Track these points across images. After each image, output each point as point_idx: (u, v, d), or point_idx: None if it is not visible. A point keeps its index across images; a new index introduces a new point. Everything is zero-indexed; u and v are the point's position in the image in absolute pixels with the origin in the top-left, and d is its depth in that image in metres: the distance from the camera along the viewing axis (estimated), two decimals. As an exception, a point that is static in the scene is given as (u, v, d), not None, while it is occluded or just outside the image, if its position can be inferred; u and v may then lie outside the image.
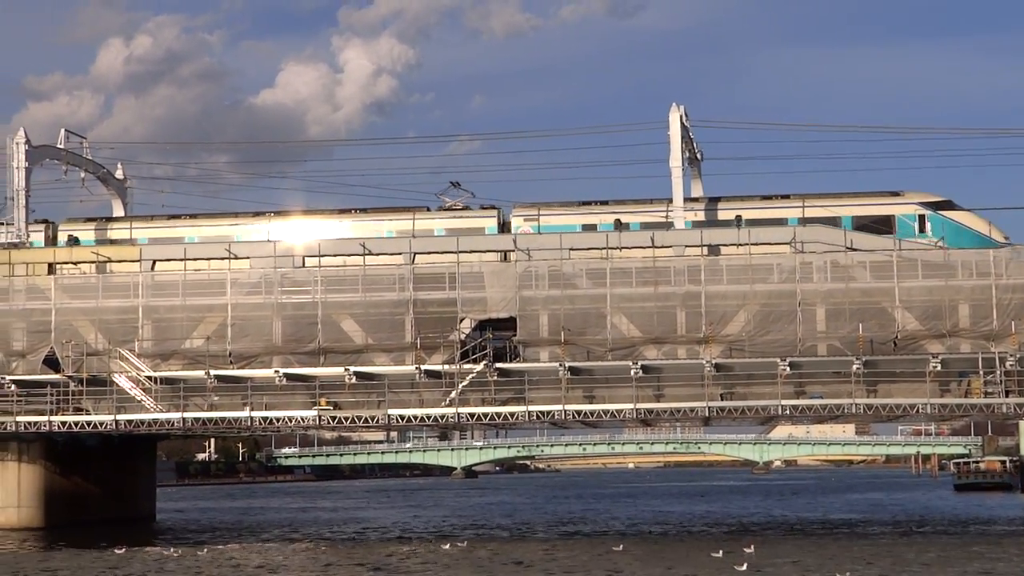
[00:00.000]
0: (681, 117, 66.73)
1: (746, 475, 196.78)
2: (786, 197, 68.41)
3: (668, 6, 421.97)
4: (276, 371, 62.82)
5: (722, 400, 62.00)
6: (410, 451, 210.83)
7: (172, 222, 72.16)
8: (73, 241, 71.05)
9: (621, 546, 54.39)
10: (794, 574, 41.36)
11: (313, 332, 63.12)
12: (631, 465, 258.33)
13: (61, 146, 74.22)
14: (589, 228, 66.66)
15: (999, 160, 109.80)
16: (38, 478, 67.33)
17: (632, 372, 60.36)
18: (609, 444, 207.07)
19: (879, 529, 67.75)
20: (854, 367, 58.82)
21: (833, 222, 64.90)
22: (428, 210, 70.91)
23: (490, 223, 68.63)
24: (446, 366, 61.75)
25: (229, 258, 65.67)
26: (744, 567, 41.75)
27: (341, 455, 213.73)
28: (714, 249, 63.52)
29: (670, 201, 66.65)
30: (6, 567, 49.44)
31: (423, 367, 61.78)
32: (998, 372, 58.25)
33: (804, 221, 64.73)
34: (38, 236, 71.79)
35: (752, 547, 47.31)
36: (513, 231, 67.44)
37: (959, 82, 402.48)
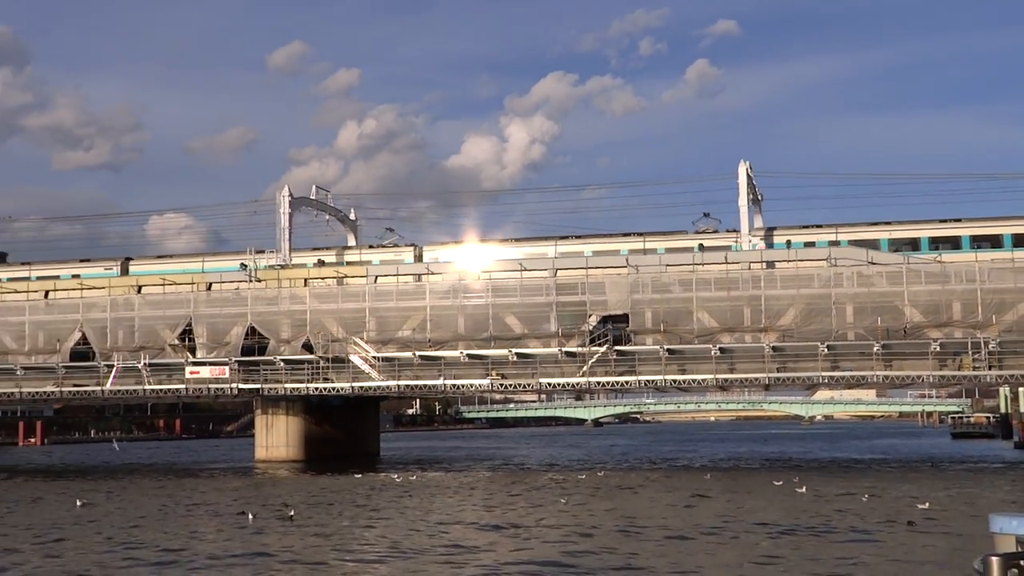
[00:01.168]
0: (747, 169, 66.49)
1: (796, 426, 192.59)
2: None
3: (741, 90, 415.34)
4: (461, 352, 63.83)
5: (777, 372, 61.81)
6: (555, 408, 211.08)
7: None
8: (319, 263, 72.56)
9: (709, 475, 54.44)
10: (834, 495, 41.14)
11: (486, 325, 64.13)
12: (712, 418, 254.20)
13: (313, 197, 76.30)
14: (809, 244, 65.65)
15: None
16: (300, 427, 69.40)
17: (712, 352, 60.45)
18: (696, 403, 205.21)
19: (895, 464, 66.63)
20: (875, 348, 58.29)
21: (996, 239, 63.90)
22: (686, 233, 69.39)
23: (733, 242, 66.86)
24: (579, 348, 62.34)
25: (428, 273, 67.10)
26: (803, 489, 41.67)
27: (506, 410, 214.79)
28: (771, 264, 63.24)
29: (739, 231, 66.61)
30: (289, 485, 51.51)
31: (563, 349, 62.45)
32: (983, 352, 57.17)
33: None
34: (408, 255, 72.21)
35: (797, 478, 47.09)
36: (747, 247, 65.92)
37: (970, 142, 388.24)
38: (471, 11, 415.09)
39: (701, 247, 66.38)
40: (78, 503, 40.80)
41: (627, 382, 63.37)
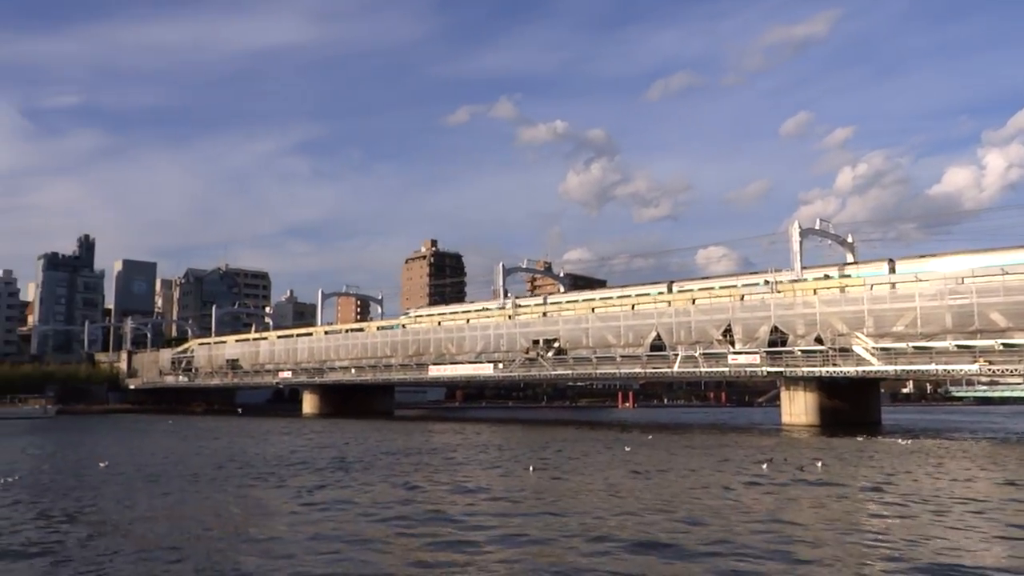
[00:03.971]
0: None
1: None
2: None
3: None
4: (950, 343, 56.39)
5: None
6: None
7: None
8: (825, 277, 68.04)
9: None
10: None
11: (971, 320, 55.75)
12: None
13: (817, 228, 72.48)
14: None
15: None
16: (815, 400, 65.39)
17: None
18: None
19: None
20: None
21: None
22: None
23: None
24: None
25: (917, 281, 60.16)
26: None
27: (992, 391, 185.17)
28: None
29: None
30: (811, 443, 48.18)
31: (1050, 339, 52.20)
32: None
33: None
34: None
35: None
36: None
37: None
38: (947, 68, 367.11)
39: None
40: (626, 448, 41.68)
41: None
